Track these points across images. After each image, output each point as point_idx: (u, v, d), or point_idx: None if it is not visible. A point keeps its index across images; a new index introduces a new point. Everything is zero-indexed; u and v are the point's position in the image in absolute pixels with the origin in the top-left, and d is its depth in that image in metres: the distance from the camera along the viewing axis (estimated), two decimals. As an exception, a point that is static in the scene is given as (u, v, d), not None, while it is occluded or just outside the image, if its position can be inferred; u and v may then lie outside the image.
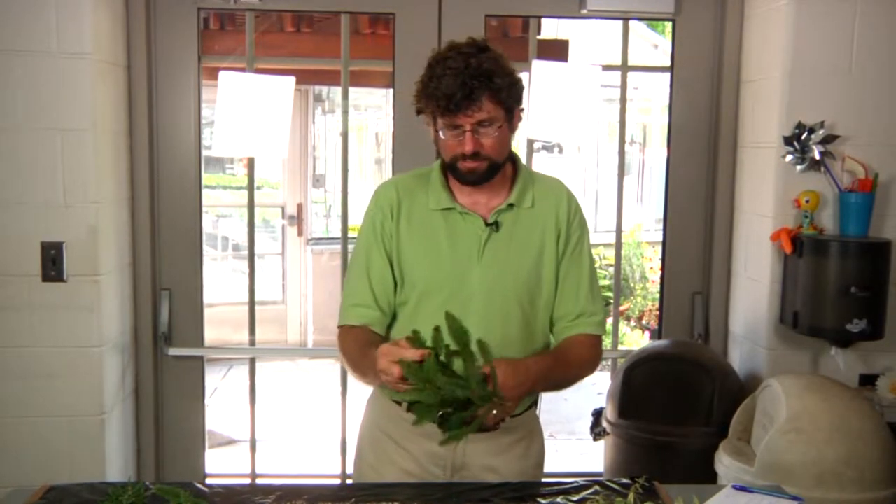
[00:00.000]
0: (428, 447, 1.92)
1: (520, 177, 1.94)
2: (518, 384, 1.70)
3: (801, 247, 2.68)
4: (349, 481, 2.35)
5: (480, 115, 1.77)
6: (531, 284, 1.91)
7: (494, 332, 1.85)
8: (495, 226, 1.89)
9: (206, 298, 3.21)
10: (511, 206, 1.91)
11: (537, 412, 2.08)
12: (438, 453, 1.92)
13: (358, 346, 1.87)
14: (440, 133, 1.83)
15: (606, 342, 7.99)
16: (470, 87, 1.74)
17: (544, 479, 1.92)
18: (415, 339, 1.65)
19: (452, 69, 1.74)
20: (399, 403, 1.93)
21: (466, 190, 1.90)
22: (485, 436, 1.90)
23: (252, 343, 3.37)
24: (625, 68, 3.19)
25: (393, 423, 1.96)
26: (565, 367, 1.89)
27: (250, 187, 3.29)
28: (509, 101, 1.80)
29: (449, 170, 1.89)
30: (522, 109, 1.89)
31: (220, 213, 8.43)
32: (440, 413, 1.62)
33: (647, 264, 8.51)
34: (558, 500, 1.76)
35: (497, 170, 1.87)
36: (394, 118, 3.12)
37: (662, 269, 3.25)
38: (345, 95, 3.19)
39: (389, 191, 1.96)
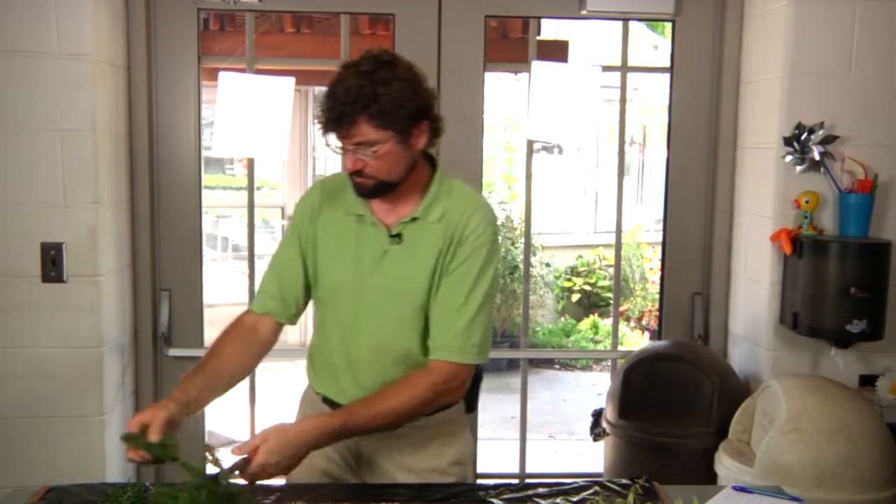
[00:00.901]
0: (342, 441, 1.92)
1: (431, 190, 1.91)
2: (284, 458, 1.70)
3: (800, 247, 2.68)
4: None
5: (357, 138, 1.77)
6: (424, 297, 1.89)
7: (386, 341, 1.89)
8: (398, 237, 1.89)
9: (206, 299, 3.21)
10: (415, 219, 1.89)
11: (463, 411, 2.05)
12: (350, 446, 1.96)
13: (215, 345, 1.92)
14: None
15: (606, 343, 7.96)
16: (341, 112, 1.74)
17: (544, 480, 1.92)
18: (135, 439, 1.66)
19: (337, 90, 1.75)
20: (318, 394, 2.01)
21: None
22: (393, 434, 1.91)
23: (252, 343, 3.37)
24: (624, 69, 3.19)
25: (315, 412, 1.97)
26: (380, 415, 1.81)
27: (250, 188, 3.29)
28: (396, 124, 1.77)
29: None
30: (432, 123, 1.84)
31: (220, 213, 8.44)
32: None
33: (647, 265, 8.51)
34: (558, 500, 1.76)
35: (390, 187, 1.85)
36: (394, 119, 3.11)
37: (662, 269, 3.25)
38: (345, 96, 3.18)
39: (315, 191, 2.01)
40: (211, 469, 1.63)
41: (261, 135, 3.01)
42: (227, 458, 1.66)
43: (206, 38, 3.29)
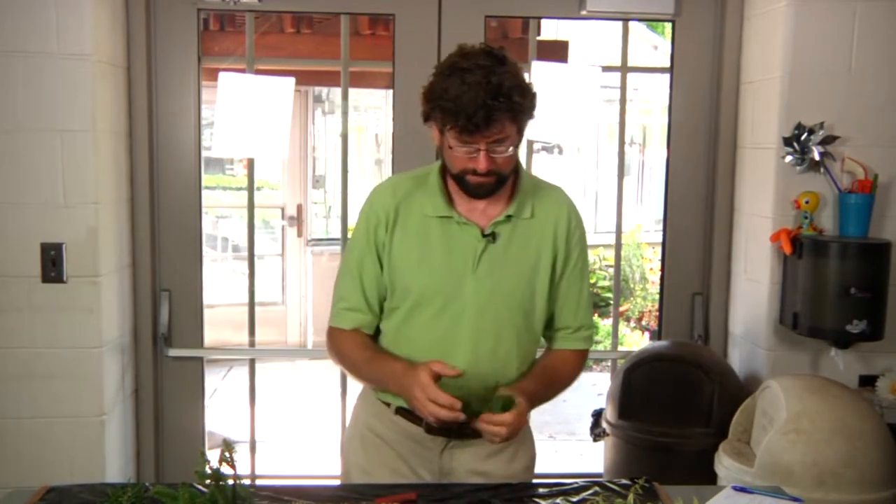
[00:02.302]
0: (417, 450, 1.92)
1: (521, 187, 1.89)
2: (521, 422, 1.78)
3: (800, 248, 2.68)
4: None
5: (499, 136, 1.72)
6: (525, 298, 1.88)
7: (485, 345, 1.86)
8: (492, 237, 1.85)
9: (206, 299, 3.21)
10: (509, 217, 1.87)
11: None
12: (426, 457, 1.92)
13: (362, 352, 1.90)
14: (450, 146, 1.77)
15: (606, 343, 8.00)
16: (491, 108, 1.67)
17: (544, 480, 1.92)
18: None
19: (471, 84, 1.67)
20: (388, 405, 1.94)
21: (465, 196, 1.86)
22: (471, 441, 1.89)
23: (252, 344, 3.37)
24: (624, 69, 3.19)
25: (384, 425, 1.95)
26: (553, 388, 1.94)
27: (250, 188, 3.29)
28: (526, 120, 1.77)
29: (456, 181, 1.84)
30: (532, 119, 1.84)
31: (220, 213, 8.43)
32: None
33: (647, 265, 8.50)
34: (558, 500, 1.76)
35: (504, 183, 1.83)
36: (393, 119, 3.12)
37: (662, 269, 3.25)
38: (345, 96, 3.19)
39: (386, 195, 1.90)
40: (212, 467, 1.63)
41: (261, 135, 3.02)
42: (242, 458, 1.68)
43: (206, 39, 3.29)
